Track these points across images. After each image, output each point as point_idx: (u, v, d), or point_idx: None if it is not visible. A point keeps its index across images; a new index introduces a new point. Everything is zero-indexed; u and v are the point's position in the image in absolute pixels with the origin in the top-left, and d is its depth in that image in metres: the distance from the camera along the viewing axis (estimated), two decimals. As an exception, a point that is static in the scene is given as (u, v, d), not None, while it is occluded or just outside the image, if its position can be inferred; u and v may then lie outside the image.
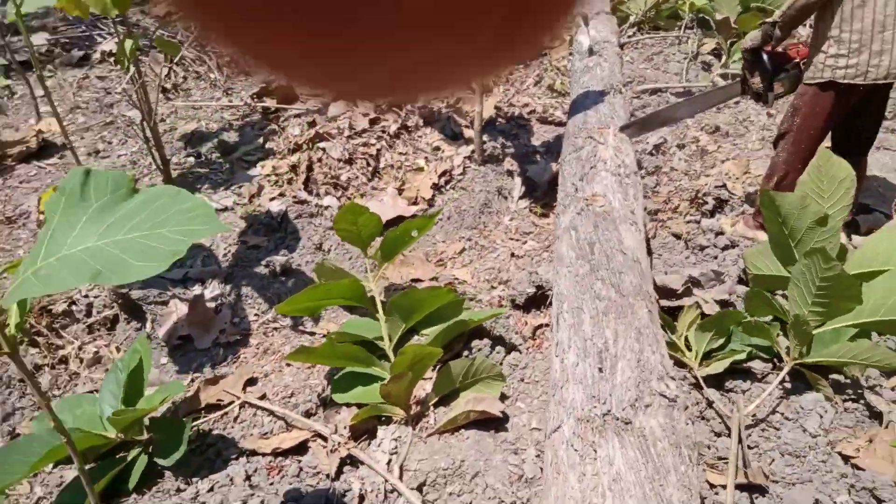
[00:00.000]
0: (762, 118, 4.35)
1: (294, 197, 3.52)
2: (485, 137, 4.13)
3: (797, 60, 3.04)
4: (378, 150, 3.74)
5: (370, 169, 3.64)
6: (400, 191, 3.62)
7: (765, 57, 3.01)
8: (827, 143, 3.02)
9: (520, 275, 2.96)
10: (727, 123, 4.31)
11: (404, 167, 3.73)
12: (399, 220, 3.49)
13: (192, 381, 2.70)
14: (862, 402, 2.20)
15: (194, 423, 2.44)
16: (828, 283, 2.06)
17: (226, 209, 3.55)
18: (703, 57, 5.20)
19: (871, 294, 2.14)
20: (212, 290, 3.05)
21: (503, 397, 2.35)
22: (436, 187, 3.68)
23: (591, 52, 4.39)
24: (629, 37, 5.43)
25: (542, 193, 3.78)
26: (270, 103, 4.57)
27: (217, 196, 3.64)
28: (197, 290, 3.05)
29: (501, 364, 2.54)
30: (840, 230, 2.40)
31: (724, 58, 5.06)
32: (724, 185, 3.65)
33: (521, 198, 3.79)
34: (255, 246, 3.34)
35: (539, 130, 4.31)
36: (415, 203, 3.59)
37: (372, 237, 2.77)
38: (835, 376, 2.30)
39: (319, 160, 3.63)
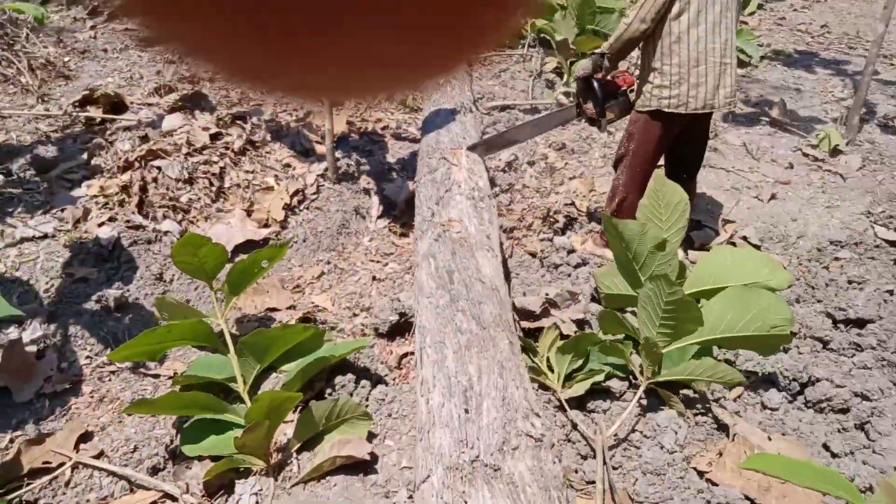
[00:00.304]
0: (603, 137, 4.62)
1: (127, 221, 3.17)
2: (338, 154, 4.00)
3: (625, 88, 3.24)
4: (222, 169, 3.48)
5: (214, 189, 3.38)
6: (249, 212, 3.39)
7: (595, 85, 3.18)
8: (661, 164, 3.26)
9: (382, 301, 2.88)
10: (572, 141, 4.53)
11: (252, 186, 3.51)
12: (249, 244, 3.28)
13: (11, 442, 2.33)
14: (710, 415, 2.37)
15: (14, 495, 2.10)
16: (672, 307, 2.19)
17: (45, 237, 3.12)
18: (546, 75, 5.44)
19: (710, 313, 2.32)
20: (32, 331, 2.66)
21: (370, 436, 2.26)
22: (288, 208, 3.49)
23: (442, 68, 4.41)
24: (478, 53, 5.56)
25: (400, 212, 3.73)
26: (95, 113, 4.11)
27: (33, 221, 3.19)
28: (13, 332, 2.64)
29: (367, 399, 2.44)
30: (677, 251, 2.58)
31: (565, 76, 5.32)
32: (573, 203, 3.82)
33: (379, 217, 3.72)
34: (83, 278, 2.96)
35: (394, 147, 4.26)
36: (266, 225, 3.38)
37: (217, 269, 2.55)
38: (685, 391, 2.46)
39: (155, 180, 3.30)
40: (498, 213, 3.80)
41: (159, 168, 3.33)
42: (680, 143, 3.17)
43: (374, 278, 3.24)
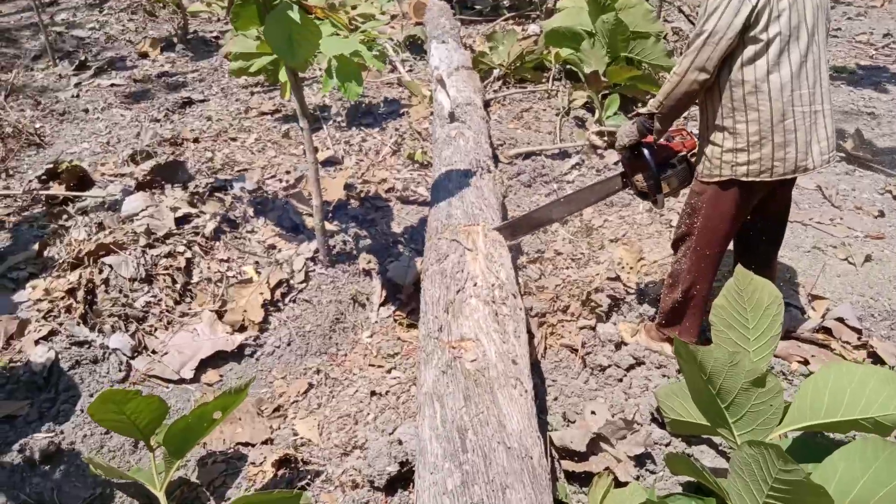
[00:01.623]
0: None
1: (70, 336, 2.58)
2: (334, 226, 3.38)
3: (684, 153, 2.55)
4: (189, 261, 2.88)
5: (177, 287, 2.78)
6: (220, 314, 2.78)
7: (646, 153, 2.49)
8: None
9: (378, 443, 2.21)
10: (610, 193, 3.84)
11: (226, 280, 2.90)
12: (219, 357, 2.66)
13: None
14: None
15: None
16: (786, 488, 1.49)
17: (-31, 360, 2.55)
18: (575, 111, 4.78)
19: (830, 473, 1.61)
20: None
21: None
22: (270, 304, 2.87)
23: (452, 117, 3.78)
24: (495, 92, 4.92)
25: (407, 297, 3.07)
26: (58, 190, 3.58)
27: (-41, 339, 2.63)
28: None
29: None
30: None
31: (597, 112, 4.65)
32: (618, 277, 3.12)
33: (382, 305, 3.07)
34: (8, 417, 2.38)
35: (400, 213, 3.62)
36: (242, 329, 2.76)
37: (155, 423, 1.93)
38: None
39: (106, 282, 2.72)
40: (526, 290, 3.12)
41: (111, 266, 2.74)
42: (756, 215, 2.46)
43: (373, 393, 2.59)
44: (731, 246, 2.58)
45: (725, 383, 1.77)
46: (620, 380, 2.60)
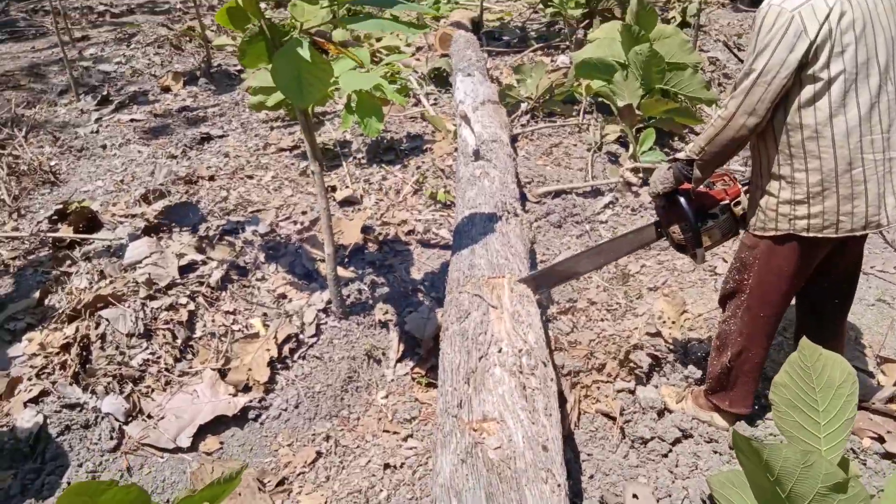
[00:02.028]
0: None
1: (61, 397, 2.39)
2: (350, 272, 3.16)
3: (727, 202, 2.27)
4: (192, 313, 2.68)
5: (178, 343, 2.57)
6: (223, 372, 2.56)
7: (683, 202, 2.21)
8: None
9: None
10: (647, 235, 3.56)
11: (231, 334, 2.69)
12: (220, 421, 2.43)
13: None
14: None
15: None
16: None
17: (-45, 421, 2.36)
18: (608, 146, 4.53)
19: None
20: None
21: None
22: (278, 361, 2.65)
23: (477, 155, 3.56)
24: (522, 126, 4.70)
25: (427, 352, 2.83)
26: (66, 232, 3.43)
27: (-53, 398, 2.45)
28: None
29: None
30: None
31: (631, 147, 4.39)
32: (659, 333, 2.83)
33: (399, 360, 2.83)
34: (-12, 489, 2.17)
35: (420, 257, 3.39)
36: (246, 389, 2.54)
37: (138, 513, 1.69)
38: None
39: (102, 337, 2.53)
40: (557, 345, 2.85)
41: (108, 320, 2.55)
42: (822, 273, 2.17)
43: (386, 465, 2.33)
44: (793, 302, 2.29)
45: (797, 487, 1.48)
46: (665, 455, 2.31)
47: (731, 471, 1.96)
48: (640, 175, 4.19)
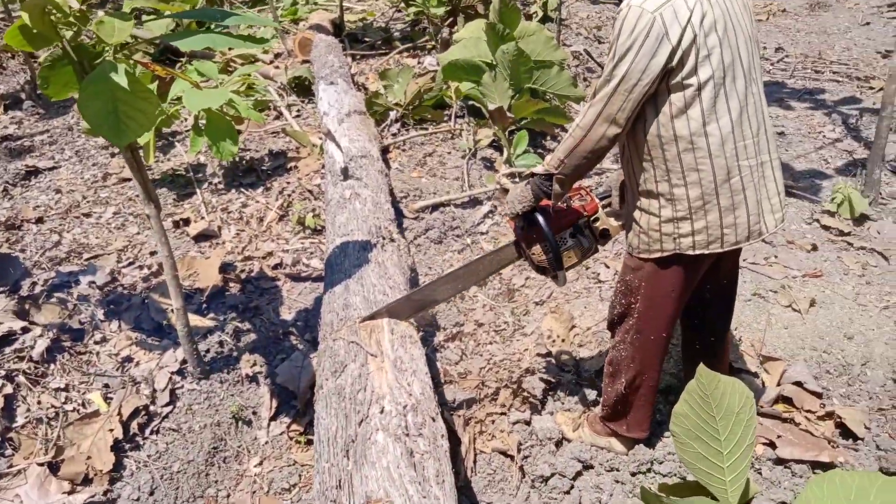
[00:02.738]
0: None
1: None
2: (209, 320, 2.79)
3: (585, 218, 2.15)
4: (9, 397, 2.22)
5: (-6, 439, 2.11)
6: (55, 466, 2.13)
7: (542, 221, 2.04)
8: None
9: None
10: (529, 246, 3.44)
11: (64, 415, 2.25)
12: (53, 529, 2.01)
13: None
14: None
15: None
16: None
17: None
18: (482, 152, 4.39)
19: None
20: None
21: None
22: (125, 441, 2.25)
23: (345, 174, 3.29)
24: (393, 136, 4.46)
25: (304, 405, 2.53)
26: None
27: None
28: None
29: None
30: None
31: (505, 151, 4.28)
32: (549, 354, 2.70)
33: (272, 419, 2.51)
34: None
35: (291, 293, 3.07)
36: (86, 481, 2.13)
37: None
38: None
39: None
40: (446, 378, 2.65)
41: None
42: (702, 284, 2.09)
43: (265, 551, 2.02)
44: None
45: (716, 546, 1.35)
46: (567, 492, 2.16)
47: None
48: (516, 180, 4.08)
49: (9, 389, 2.23)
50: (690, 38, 1.68)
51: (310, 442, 2.43)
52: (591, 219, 2.15)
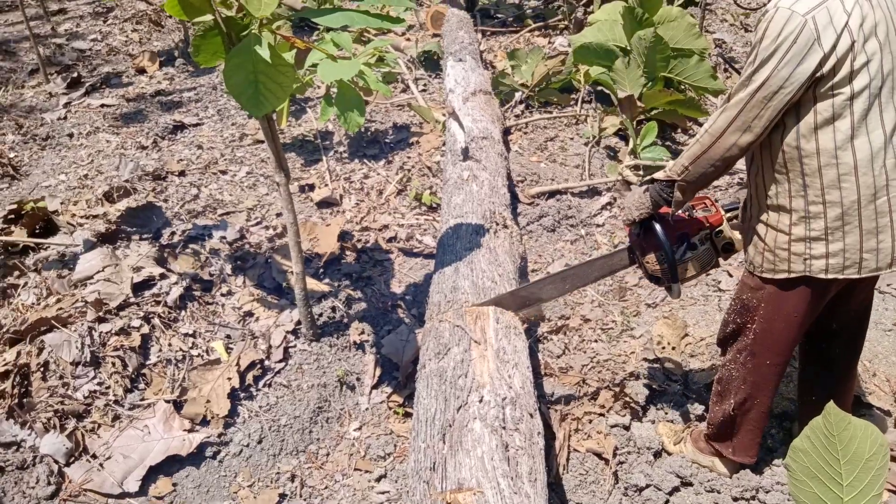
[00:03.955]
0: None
1: (-4, 435, 2.15)
2: (324, 285, 2.92)
3: (707, 230, 2.02)
4: (145, 337, 2.44)
5: (129, 372, 2.34)
6: (178, 405, 2.33)
7: (659, 229, 1.94)
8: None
9: None
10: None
11: (189, 359, 2.45)
12: (173, 462, 2.21)
13: None
14: None
15: None
16: None
17: None
18: (606, 140, 4.25)
19: None
20: None
21: None
22: (240, 390, 2.41)
23: (465, 154, 3.29)
24: (516, 117, 4.41)
25: (405, 378, 2.60)
26: (19, 235, 3.17)
27: None
28: None
29: None
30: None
31: (631, 142, 4.12)
32: (657, 360, 2.60)
33: (374, 387, 2.60)
34: (-89, 541, 1.96)
35: (402, 267, 3.14)
36: (203, 423, 2.31)
37: None
38: None
39: (44, 366, 2.29)
40: (546, 371, 2.63)
41: (51, 346, 2.31)
42: (831, 311, 1.92)
43: (357, 513, 2.12)
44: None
45: None
46: (663, 506, 2.09)
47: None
48: (640, 173, 3.93)
49: (145, 330, 2.45)
50: (847, 45, 1.52)
51: (408, 414, 2.50)
52: (715, 231, 2.03)
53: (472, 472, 1.59)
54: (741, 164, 1.92)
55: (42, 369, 2.28)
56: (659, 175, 1.88)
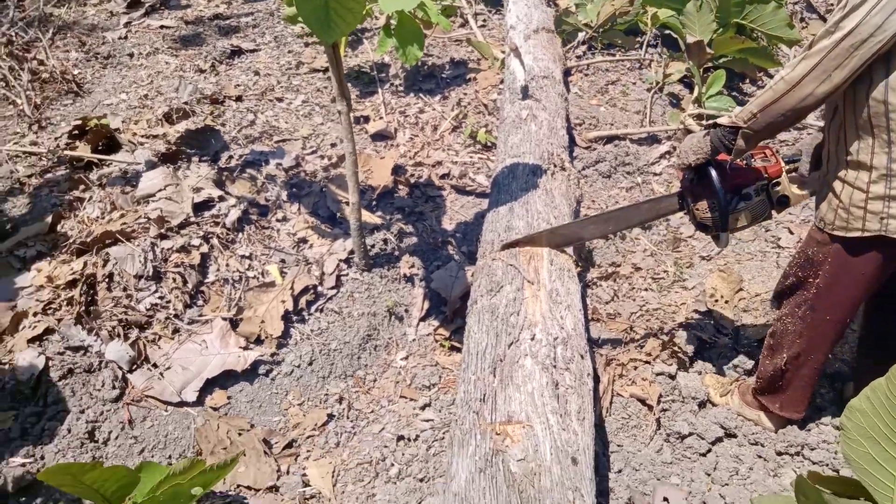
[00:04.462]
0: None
1: (63, 338, 2.27)
2: (377, 217, 2.94)
3: (765, 181, 1.94)
4: (205, 256, 2.51)
5: (189, 288, 2.42)
6: (235, 323, 2.41)
7: (715, 176, 1.87)
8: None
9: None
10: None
11: (246, 280, 2.51)
12: (228, 376, 2.30)
13: None
14: None
15: None
16: None
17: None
18: (670, 87, 4.10)
19: None
20: None
21: None
22: (293, 313, 2.48)
23: (525, 93, 3.22)
24: (578, 58, 4.27)
25: (452, 313, 2.63)
26: (83, 151, 3.26)
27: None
28: None
29: None
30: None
31: (696, 89, 3.96)
32: (709, 312, 2.57)
33: (422, 319, 2.64)
34: (-11, 429, 2.10)
35: (454, 205, 3.14)
36: (258, 342, 2.39)
37: (125, 490, 1.58)
38: None
39: (109, 277, 2.38)
40: (594, 315, 2.63)
41: (116, 259, 2.39)
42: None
43: (400, 438, 2.18)
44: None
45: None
46: (704, 454, 2.10)
47: (779, 495, 1.75)
48: (704, 122, 3.79)
49: (205, 249, 2.52)
50: None
51: (453, 348, 2.54)
52: (772, 183, 1.96)
53: (521, 406, 1.62)
54: (810, 119, 1.83)
55: (107, 280, 2.38)
56: (723, 120, 1.81)
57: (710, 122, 1.89)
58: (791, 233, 2.96)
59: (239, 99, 3.85)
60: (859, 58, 1.52)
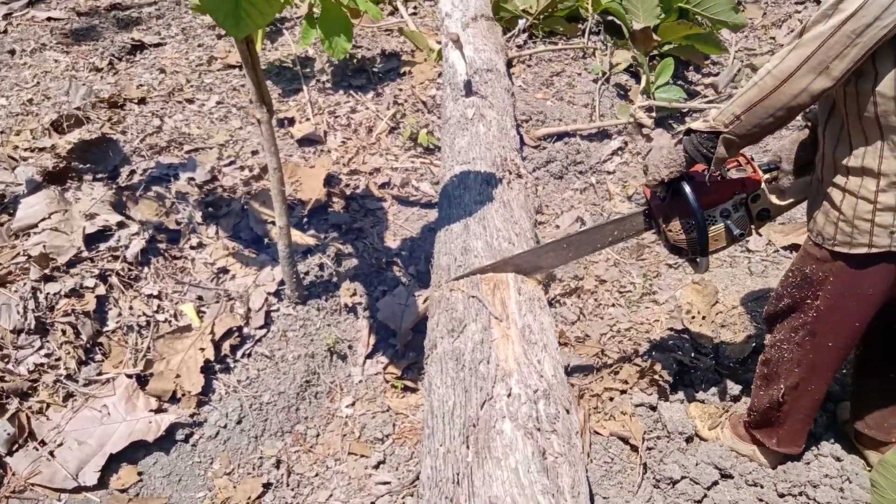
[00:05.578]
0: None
1: (-78, 416, 1.80)
2: (309, 237, 2.56)
3: (744, 194, 1.71)
4: (101, 299, 2.08)
5: (82, 341, 1.99)
6: (143, 380, 2.00)
7: (688, 191, 1.62)
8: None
9: None
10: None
11: (155, 326, 2.10)
12: (137, 448, 1.89)
13: None
14: None
15: None
16: None
17: None
18: (616, 77, 3.87)
19: None
20: None
21: None
22: (215, 362, 2.09)
23: (468, 89, 2.90)
24: (518, 48, 3.98)
25: (404, 346, 2.30)
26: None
27: None
28: None
29: None
30: None
31: (643, 80, 3.75)
32: (686, 331, 2.34)
33: (368, 356, 2.30)
34: None
35: (397, 218, 2.79)
36: (173, 400, 1.99)
37: None
38: None
39: (-22, 335, 1.92)
40: (561, 340, 2.35)
41: (-15, 311, 1.94)
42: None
43: (353, 506, 1.85)
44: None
45: None
46: (700, 501, 1.86)
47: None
48: (654, 115, 3.58)
49: (101, 291, 2.09)
50: None
51: (407, 388, 2.22)
52: (750, 195, 1.72)
53: (505, 488, 1.32)
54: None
55: (-24, 338, 1.92)
56: (698, 125, 1.54)
57: (685, 128, 1.62)
58: (759, 234, 2.78)
59: (142, 101, 3.36)
60: (862, 46, 1.27)
